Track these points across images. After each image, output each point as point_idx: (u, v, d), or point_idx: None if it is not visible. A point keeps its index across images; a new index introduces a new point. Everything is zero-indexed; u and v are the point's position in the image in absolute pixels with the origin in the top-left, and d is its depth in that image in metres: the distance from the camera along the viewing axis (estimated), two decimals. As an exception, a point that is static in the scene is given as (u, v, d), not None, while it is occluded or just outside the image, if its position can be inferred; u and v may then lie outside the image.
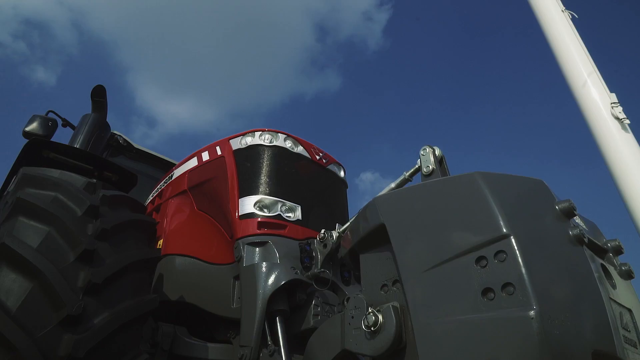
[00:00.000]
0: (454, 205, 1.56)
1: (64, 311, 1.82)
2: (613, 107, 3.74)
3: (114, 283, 2.06)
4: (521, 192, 1.58)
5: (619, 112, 3.79)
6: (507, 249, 1.33)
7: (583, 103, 3.93)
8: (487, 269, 1.36)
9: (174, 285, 2.99)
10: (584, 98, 3.90)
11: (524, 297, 1.25)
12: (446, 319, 1.39)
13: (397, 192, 1.84)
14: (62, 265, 1.95)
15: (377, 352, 1.56)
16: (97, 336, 1.87)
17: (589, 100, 3.87)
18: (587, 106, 3.87)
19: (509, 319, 1.24)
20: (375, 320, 1.57)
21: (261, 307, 2.41)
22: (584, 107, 3.93)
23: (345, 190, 3.52)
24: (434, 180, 1.84)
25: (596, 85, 3.93)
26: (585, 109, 3.91)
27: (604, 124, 3.75)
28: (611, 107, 3.75)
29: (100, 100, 5.01)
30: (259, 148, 3.12)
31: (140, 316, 2.09)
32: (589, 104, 3.86)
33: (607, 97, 3.88)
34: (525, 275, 1.28)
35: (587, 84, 3.87)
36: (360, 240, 1.89)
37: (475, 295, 1.35)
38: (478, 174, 1.56)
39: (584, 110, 3.92)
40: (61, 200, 2.24)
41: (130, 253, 2.21)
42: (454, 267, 1.44)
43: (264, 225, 2.77)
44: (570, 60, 4.11)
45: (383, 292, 1.76)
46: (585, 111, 3.91)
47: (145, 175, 5.58)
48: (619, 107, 3.79)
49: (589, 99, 3.87)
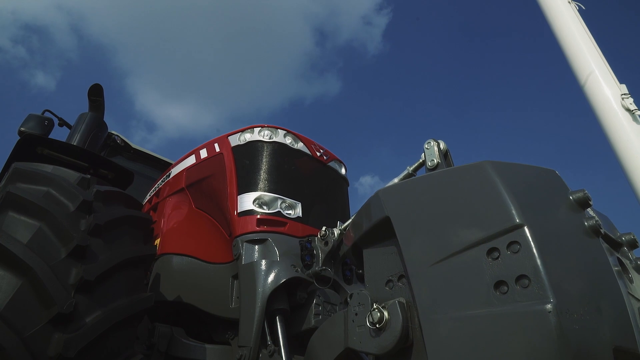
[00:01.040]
0: (462, 196, 1.48)
1: (54, 309, 1.75)
2: (624, 98, 3.65)
3: (108, 280, 1.98)
4: (533, 182, 1.50)
5: (629, 104, 3.67)
6: (521, 239, 1.26)
7: (592, 95, 3.83)
8: (500, 261, 1.28)
9: (171, 285, 2.92)
10: (592, 90, 3.81)
11: (540, 289, 1.17)
12: (456, 315, 1.31)
13: (402, 184, 1.76)
14: (53, 262, 1.87)
15: (383, 350, 1.48)
16: (89, 335, 1.79)
17: (598, 92, 3.77)
18: (596, 98, 3.78)
19: (525, 313, 1.16)
20: (381, 317, 1.48)
21: (260, 306, 2.33)
22: (592, 100, 3.83)
23: (346, 187, 3.45)
24: (440, 170, 1.76)
25: (605, 77, 3.84)
26: (594, 101, 3.81)
27: (614, 116, 3.65)
28: (621, 98, 3.67)
29: (98, 99, 4.96)
30: (258, 144, 3.05)
31: (134, 315, 2.02)
32: (597, 96, 3.77)
33: (617, 88, 3.80)
34: (541, 267, 1.20)
35: (596, 75, 3.79)
36: (364, 234, 1.81)
37: (487, 288, 1.27)
38: (487, 162, 1.48)
39: (593, 103, 3.81)
40: (53, 195, 2.16)
41: (125, 250, 2.14)
42: (464, 260, 1.36)
43: (264, 222, 2.70)
44: (578, 52, 4.02)
45: (388, 288, 1.68)
46: (594, 104, 3.81)
47: (143, 176, 5.51)
48: (630, 98, 3.69)
49: (598, 90, 3.78)
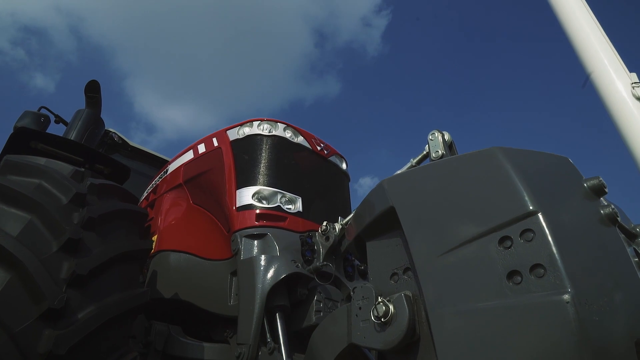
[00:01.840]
0: (471, 183, 1.41)
1: (44, 304, 1.67)
2: (634, 87, 3.58)
3: (101, 275, 1.91)
4: (545, 168, 1.43)
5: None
6: (535, 227, 1.19)
7: (601, 85, 3.75)
8: (512, 250, 1.21)
9: (168, 283, 2.85)
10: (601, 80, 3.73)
11: (557, 279, 1.10)
12: (466, 308, 1.24)
13: (407, 173, 1.69)
14: (44, 255, 1.80)
15: (388, 345, 1.41)
16: (81, 332, 1.72)
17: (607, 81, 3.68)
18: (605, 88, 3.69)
19: (541, 304, 1.09)
20: (386, 311, 1.41)
21: (260, 303, 2.26)
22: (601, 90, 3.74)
23: (347, 182, 3.38)
24: (447, 158, 1.69)
25: (614, 66, 3.77)
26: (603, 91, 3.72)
27: (624, 105, 3.57)
28: (632, 87, 3.60)
29: (95, 96, 4.88)
30: (258, 138, 2.98)
31: (129, 311, 1.94)
32: (607, 85, 3.68)
33: (627, 77, 3.72)
34: (557, 255, 1.13)
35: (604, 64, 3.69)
36: (367, 226, 1.74)
37: (500, 279, 1.20)
38: (497, 148, 1.41)
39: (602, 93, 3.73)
40: (45, 188, 2.09)
41: (119, 244, 2.06)
42: (474, 250, 1.29)
43: (263, 217, 2.62)
44: (586, 41, 3.94)
45: (393, 282, 1.61)
46: (603, 94, 3.72)
47: (141, 174, 5.43)
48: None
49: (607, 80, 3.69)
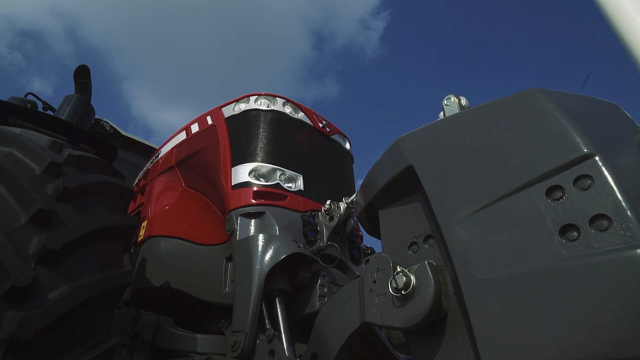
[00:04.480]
0: (507, 130, 1.19)
1: (7, 281, 1.45)
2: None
3: (77, 252, 1.69)
4: (595, 112, 1.22)
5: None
6: (593, 172, 0.97)
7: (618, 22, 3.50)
8: (565, 201, 0.99)
9: (158, 270, 2.63)
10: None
11: (627, 230, 0.89)
12: (508, 272, 1.02)
13: (427, 127, 1.46)
14: (10, 228, 1.58)
15: (410, 322, 1.18)
16: (50, 314, 1.49)
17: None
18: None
19: (610, 261, 0.87)
20: (407, 282, 1.19)
21: (257, 286, 2.03)
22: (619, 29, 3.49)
23: (351, 164, 3.15)
24: (475, 106, 1.46)
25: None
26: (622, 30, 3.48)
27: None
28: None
29: (85, 82, 4.67)
30: (255, 113, 2.76)
31: (109, 292, 1.72)
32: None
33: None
34: (624, 203, 0.91)
35: None
36: (380, 191, 1.51)
37: (550, 236, 0.98)
38: (536, 90, 1.20)
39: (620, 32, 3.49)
40: (15, 156, 1.87)
41: (99, 219, 1.84)
42: (515, 204, 1.07)
43: (261, 195, 2.40)
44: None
45: (412, 252, 1.38)
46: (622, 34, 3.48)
47: (133, 165, 5.23)
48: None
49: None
